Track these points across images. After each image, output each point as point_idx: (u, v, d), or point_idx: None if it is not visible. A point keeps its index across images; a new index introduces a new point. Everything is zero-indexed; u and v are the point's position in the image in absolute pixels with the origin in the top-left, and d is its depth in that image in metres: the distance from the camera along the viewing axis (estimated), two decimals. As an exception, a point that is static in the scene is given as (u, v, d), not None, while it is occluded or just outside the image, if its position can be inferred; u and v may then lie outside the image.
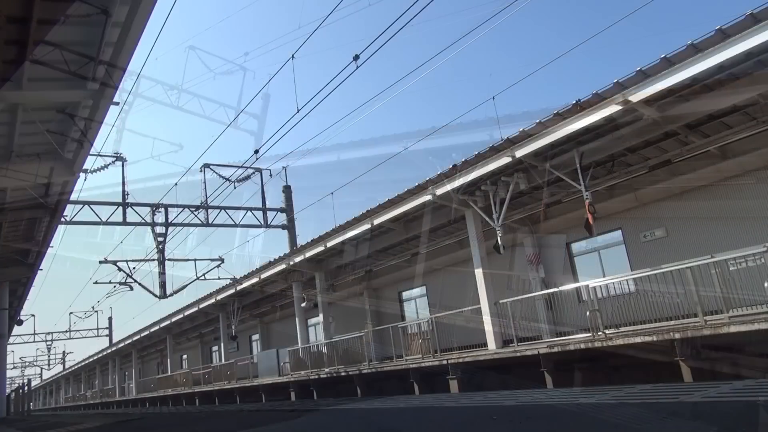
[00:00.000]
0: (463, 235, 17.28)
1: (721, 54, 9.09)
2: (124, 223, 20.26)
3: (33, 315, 51.87)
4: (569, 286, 14.18)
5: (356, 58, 9.89)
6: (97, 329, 49.95)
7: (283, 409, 8.66)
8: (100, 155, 18.62)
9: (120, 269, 22.93)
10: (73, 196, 16.47)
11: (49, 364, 62.40)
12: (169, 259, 22.34)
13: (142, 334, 39.20)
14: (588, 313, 11.35)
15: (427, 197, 15.02)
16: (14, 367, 63.05)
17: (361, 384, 17.17)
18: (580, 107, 11.19)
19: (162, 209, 21.11)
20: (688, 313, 10.72)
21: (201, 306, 29.81)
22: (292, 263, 21.62)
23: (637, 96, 10.32)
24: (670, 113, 11.24)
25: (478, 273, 15.02)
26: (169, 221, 21.26)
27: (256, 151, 15.08)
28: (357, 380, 17.22)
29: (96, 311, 44.36)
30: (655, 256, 14.09)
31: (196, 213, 21.52)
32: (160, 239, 21.57)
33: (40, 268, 22.04)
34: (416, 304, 22.87)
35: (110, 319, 52.42)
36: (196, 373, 31.39)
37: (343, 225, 18.55)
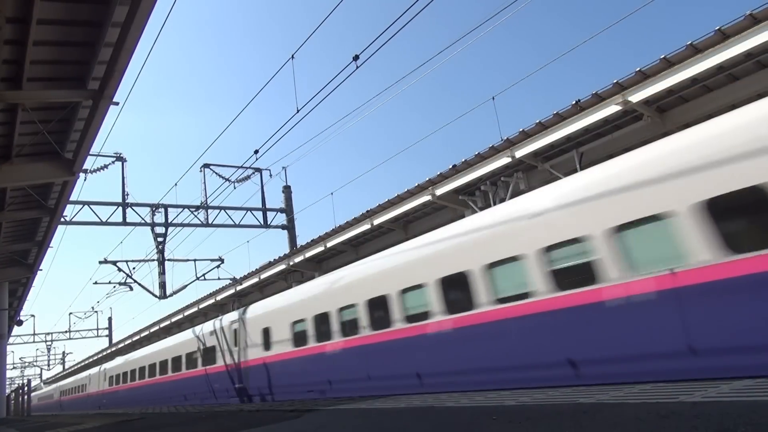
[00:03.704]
0: (463, 235, 17.26)
1: (720, 54, 9.11)
2: (124, 223, 20.27)
3: (33, 315, 51.99)
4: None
5: (356, 58, 9.88)
6: (97, 329, 50.02)
7: (283, 409, 8.65)
8: (100, 155, 18.69)
9: (120, 269, 22.95)
10: (73, 196, 16.48)
11: (48, 365, 62.49)
12: (169, 260, 22.35)
13: (142, 335, 39.21)
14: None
15: (427, 197, 15.02)
16: (14, 368, 63.17)
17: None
18: (580, 107, 11.20)
19: (162, 209, 21.12)
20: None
21: (201, 306, 29.81)
22: (292, 263, 21.62)
23: (637, 96, 10.34)
24: (670, 113, 11.26)
25: (478, 273, 14.98)
26: (169, 221, 21.27)
27: (256, 152, 15.06)
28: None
29: (96, 311, 44.45)
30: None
31: (196, 213, 21.53)
32: (160, 239, 21.58)
33: (40, 268, 22.04)
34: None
35: (110, 319, 52.49)
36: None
37: (343, 225, 18.55)
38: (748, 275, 5.58)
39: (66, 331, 47.84)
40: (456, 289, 8.96)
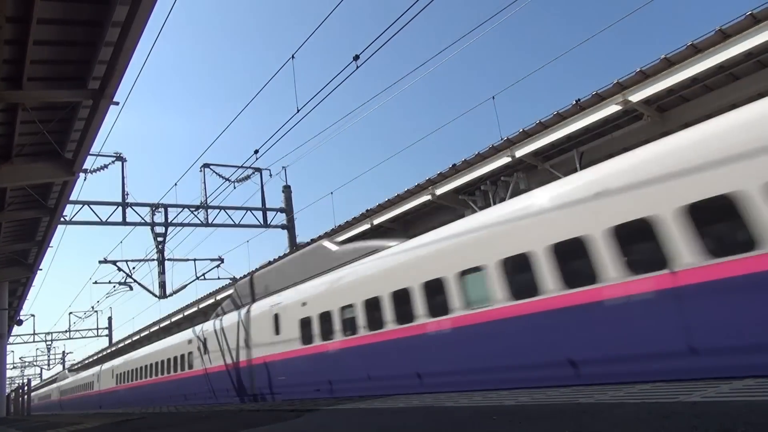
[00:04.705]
0: (463, 235, 17.25)
1: (721, 54, 9.11)
2: (124, 223, 20.27)
3: (33, 315, 51.90)
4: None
5: (356, 58, 9.88)
6: (97, 329, 49.95)
7: (283, 409, 8.66)
8: (100, 155, 18.70)
9: (120, 269, 22.96)
10: (73, 196, 16.49)
11: (48, 364, 62.56)
12: (168, 259, 22.37)
13: (142, 334, 39.24)
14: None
15: (427, 197, 15.02)
16: (14, 367, 63.24)
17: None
18: (580, 107, 11.21)
19: (162, 209, 21.12)
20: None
21: (200, 306, 29.82)
22: (291, 263, 21.59)
23: (637, 96, 10.34)
24: (671, 113, 11.26)
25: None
26: (169, 221, 21.28)
27: (256, 151, 15.06)
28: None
29: (96, 311, 44.36)
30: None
31: (196, 213, 21.53)
32: (160, 239, 21.59)
33: (40, 268, 22.05)
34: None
35: (110, 319, 52.44)
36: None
37: (343, 225, 18.54)
38: None
39: (66, 331, 47.80)
40: None
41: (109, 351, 47.38)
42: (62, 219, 17.54)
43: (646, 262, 6.36)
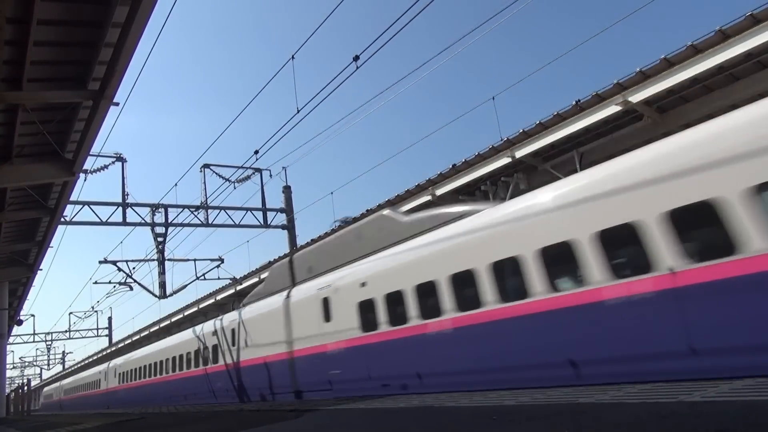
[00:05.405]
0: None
1: (721, 54, 9.12)
2: (124, 223, 20.25)
3: (33, 315, 51.82)
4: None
5: (356, 58, 9.87)
6: (97, 329, 49.90)
7: (283, 409, 8.66)
8: (100, 155, 18.68)
9: (120, 269, 22.94)
10: (73, 196, 16.49)
11: (48, 365, 62.48)
12: (168, 259, 22.35)
13: (142, 335, 39.22)
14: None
15: (427, 197, 15.02)
16: (14, 367, 63.15)
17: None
18: (580, 107, 11.21)
19: (162, 209, 21.10)
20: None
21: (201, 306, 29.81)
22: (291, 263, 21.58)
23: (637, 96, 10.34)
24: (671, 113, 11.26)
25: (478, 273, 14.98)
26: (169, 221, 21.26)
27: (256, 152, 15.06)
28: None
29: (96, 311, 44.30)
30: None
31: (196, 213, 21.52)
32: (160, 239, 21.57)
33: (40, 267, 22.05)
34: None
35: (110, 319, 52.40)
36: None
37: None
38: None
39: (66, 331, 47.74)
40: None
41: (108, 351, 47.17)
42: (62, 219, 17.53)
43: None
